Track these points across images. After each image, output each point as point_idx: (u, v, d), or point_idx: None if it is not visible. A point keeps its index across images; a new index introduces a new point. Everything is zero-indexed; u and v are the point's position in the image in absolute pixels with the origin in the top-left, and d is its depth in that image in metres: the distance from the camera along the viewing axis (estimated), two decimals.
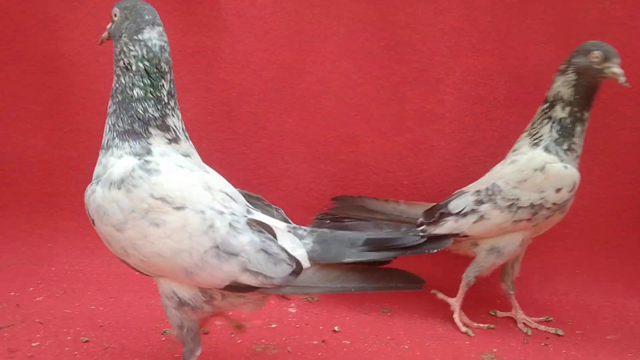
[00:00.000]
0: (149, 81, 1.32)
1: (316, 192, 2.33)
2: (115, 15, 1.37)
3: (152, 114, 1.32)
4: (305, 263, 1.36)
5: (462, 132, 2.27)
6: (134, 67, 1.32)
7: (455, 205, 1.96)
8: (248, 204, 1.44)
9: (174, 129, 1.36)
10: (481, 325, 1.98)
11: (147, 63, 1.32)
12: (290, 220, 1.49)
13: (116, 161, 1.30)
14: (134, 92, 1.32)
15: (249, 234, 1.32)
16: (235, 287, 1.33)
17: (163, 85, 1.34)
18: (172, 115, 1.36)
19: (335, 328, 1.94)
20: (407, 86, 2.26)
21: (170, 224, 1.27)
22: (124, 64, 1.33)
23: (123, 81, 1.33)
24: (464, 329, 1.95)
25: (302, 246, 1.37)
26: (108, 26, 1.41)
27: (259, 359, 1.70)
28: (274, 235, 1.36)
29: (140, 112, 1.32)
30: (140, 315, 1.92)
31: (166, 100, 1.35)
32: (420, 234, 1.96)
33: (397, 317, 2.07)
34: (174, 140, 1.36)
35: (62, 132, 2.29)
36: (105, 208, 1.27)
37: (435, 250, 1.38)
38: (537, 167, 1.85)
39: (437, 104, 2.26)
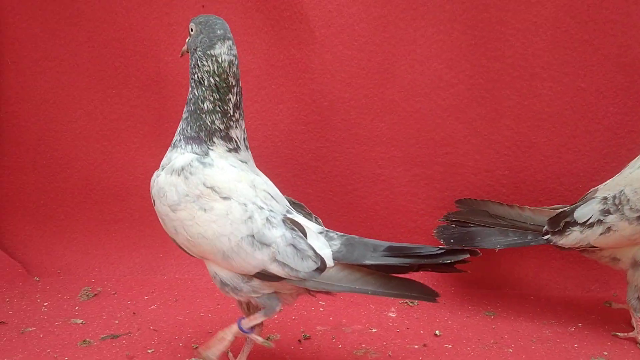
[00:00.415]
0: (217, 95, 1.46)
1: (412, 196, 2.31)
2: (191, 30, 1.51)
3: (218, 126, 1.47)
4: (330, 262, 1.45)
5: (563, 127, 2.18)
6: (205, 82, 1.46)
7: (581, 214, 1.85)
8: (290, 207, 1.56)
9: (235, 140, 1.50)
10: None
11: (217, 78, 1.46)
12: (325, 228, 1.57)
13: (179, 155, 1.47)
14: (205, 105, 1.46)
15: (281, 229, 1.44)
16: (264, 276, 1.44)
17: (230, 98, 1.47)
18: (236, 127, 1.50)
19: (437, 332, 1.92)
20: (502, 83, 2.20)
21: (216, 211, 1.42)
22: (198, 78, 1.47)
23: (196, 93, 1.48)
24: None
25: (329, 247, 1.46)
26: (187, 40, 1.54)
27: None
28: (305, 234, 1.46)
29: (208, 123, 1.47)
30: None
31: (232, 113, 1.48)
32: (545, 242, 1.93)
33: (500, 319, 2.02)
34: (235, 150, 1.50)
35: (167, 149, 2.42)
36: (165, 190, 1.46)
37: (450, 261, 1.39)
38: None
39: (534, 99, 2.18)
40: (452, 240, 2.08)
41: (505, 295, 2.22)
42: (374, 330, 1.94)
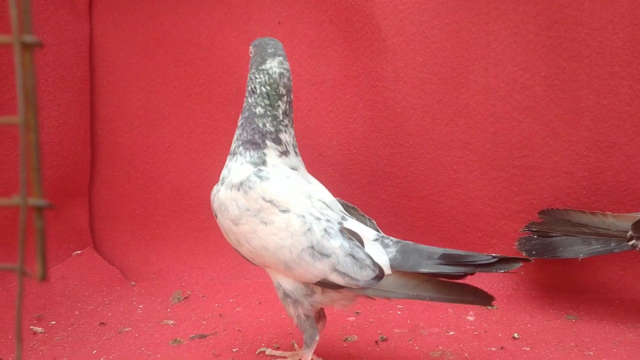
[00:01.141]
0: (268, 101, 1.59)
1: (489, 199, 2.31)
2: (250, 52, 1.68)
3: (269, 129, 1.59)
4: (387, 270, 1.49)
5: None
6: (257, 91, 1.60)
7: None
8: (345, 212, 1.62)
9: (285, 143, 1.60)
10: None
11: (268, 87, 1.60)
12: (380, 230, 1.62)
13: (238, 167, 1.58)
14: (257, 109, 1.60)
15: (339, 239, 1.50)
16: (325, 284, 1.51)
17: (279, 105, 1.60)
18: (285, 131, 1.61)
19: (515, 335, 1.91)
20: (579, 83, 2.17)
21: (277, 224, 1.52)
22: (251, 88, 1.62)
23: (250, 101, 1.62)
24: None
25: (386, 254, 1.51)
26: None
27: None
28: (362, 243, 1.52)
29: (260, 126, 1.59)
30: None
31: (281, 118, 1.60)
32: (629, 248, 1.90)
33: (582, 323, 1.99)
34: (284, 153, 1.60)
35: None
36: (227, 205, 1.56)
37: (504, 271, 1.42)
38: None
39: (613, 98, 2.14)
40: (534, 252, 2.08)
41: (588, 300, 2.17)
42: (451, 333, 1.95)
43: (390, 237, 1.57)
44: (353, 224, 1.59)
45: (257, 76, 1.61)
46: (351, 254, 1.49)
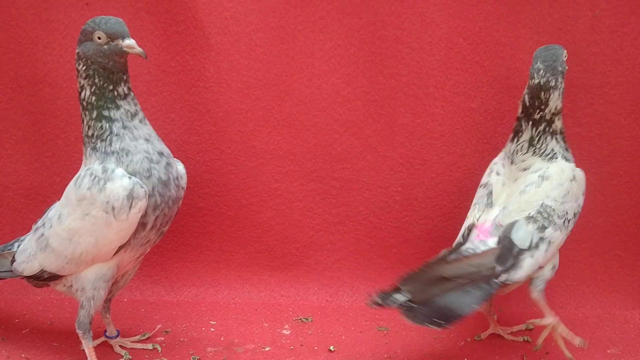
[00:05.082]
0: None
1: (308, 210, 2.29)
2: None
3: None
4: None
5: (454, 146, 2.24)
6: None
7: (521, 240, 1.75)
8: None
9: None
10: None
11: None
12: None
13: None
14: None
15: None
16: None
17: None
18: None
19: (331, 348, 1.91)
20: (397, 101, 2.23)
21: None
22: None
23: None
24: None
25: None
26: None
27: None
28: None
29: None
30: None
31: None
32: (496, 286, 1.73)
33: (393, 334, 2.04)
34: None
35: (44, 157, 2.23)
36: None
37: None
38: (570, 178, 1.84)
39: (427, 117, 2.23)
40: (434, 319, 1.69)
41: (397, 312, 2.23)
42: (267, 349, 1.90)
43: None
44: None
45: None
46: None
